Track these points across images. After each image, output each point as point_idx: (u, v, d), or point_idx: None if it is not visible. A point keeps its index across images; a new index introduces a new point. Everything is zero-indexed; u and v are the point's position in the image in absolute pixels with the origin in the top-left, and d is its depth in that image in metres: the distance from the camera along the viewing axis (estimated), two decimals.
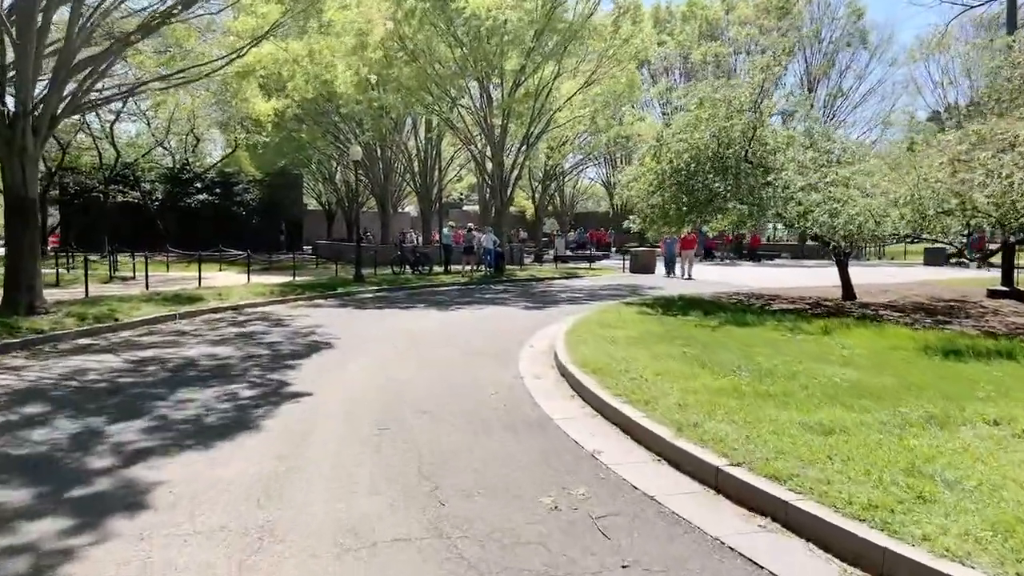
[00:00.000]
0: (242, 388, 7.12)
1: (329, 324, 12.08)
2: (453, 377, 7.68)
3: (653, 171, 14.15)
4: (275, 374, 7.79)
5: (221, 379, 7.56)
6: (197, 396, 6.81)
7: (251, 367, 8.21)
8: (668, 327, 10.46)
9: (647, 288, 19.66)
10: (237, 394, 6.88)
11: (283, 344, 9.89)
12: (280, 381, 7.38)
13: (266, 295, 16.13)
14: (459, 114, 25.81)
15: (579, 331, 10.08)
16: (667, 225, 14.52)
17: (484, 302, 16.09)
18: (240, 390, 7.04)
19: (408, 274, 23.49)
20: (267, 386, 7.20)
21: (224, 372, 7.95)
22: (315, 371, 7.96)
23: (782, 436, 4.83)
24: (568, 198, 58.04)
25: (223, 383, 7.36)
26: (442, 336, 10.81)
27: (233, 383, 7.37)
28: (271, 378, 7.55)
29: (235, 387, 7.18)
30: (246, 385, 7.27)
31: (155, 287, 17.91)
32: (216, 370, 8.06)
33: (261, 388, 7.11)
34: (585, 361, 7.70)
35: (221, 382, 7.42)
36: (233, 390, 7.05)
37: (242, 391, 6.99)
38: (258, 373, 7.86)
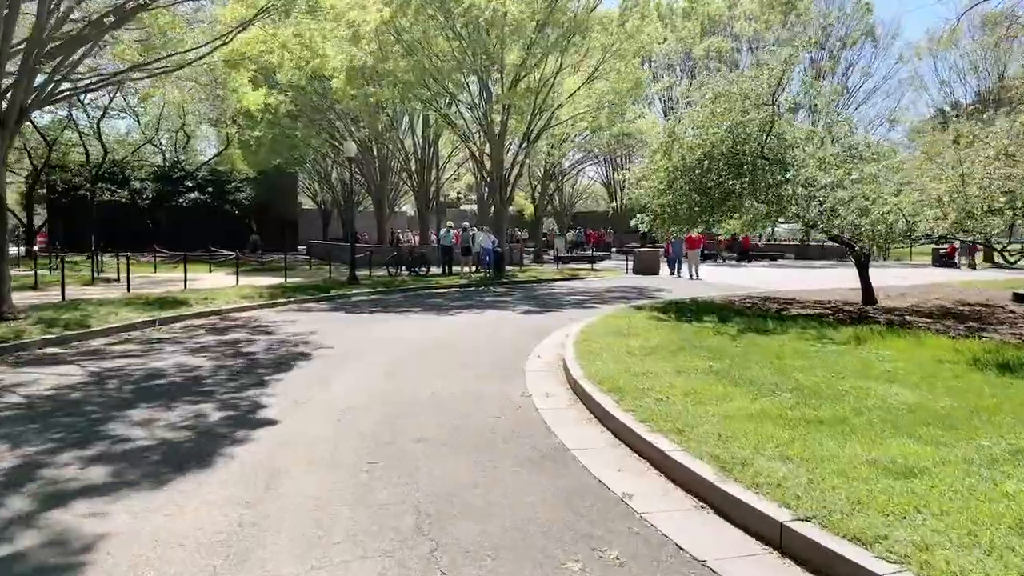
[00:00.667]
0: (212, 409, 6.28)
1: (318, 331, 11.24)
2: (453, 395, 6.85)
3: (664, 168, 13.33)
4: (252, 391, 6.94)
5: (189, 397, 6.72)
6: (159, 417, 5.98)
7: (225, 382, 7.37)
8: (685, 335, 9.65)
9: (654, 290, 18.85)
10: (205, 416, 6.03)
11: (265, 355, 9.05)
12: (255, 402, 6.53)
13: (254, 298, 15.29)
14: (457, 110, 24.97)
15: (589, 340, 9.26)
16: (677, 225, 13.70)
17: (484, 306, 15.26)
18: (209, 411, 6.20)
19: (404, 275, 22.66)
20: (241, 407, 6.36)
21: (194, 388, 7.10)
22: (297, 388, 7.12)
23: (852, 479, 4.01)
24: (567, 198, 57.28)
25: (191, 402, 6.52)
26: (440, 345, 9.99)
27: (202, 402, 6.52)
28: (246, 397, 6.71)
29: (204, 407, 6.34)
30: (216, 405, 6.42)
31: (140, 289, 17.06)
32: (186, 386, 7.22)
33: (233, 410, 6.27)
34: (601, 377, 6.88)
35: (189, 401, 6.57)
36: (201, 411, 6.21)
37: (211, 413, 6.15)
38: (232, 390, 7.02)
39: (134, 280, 20.49)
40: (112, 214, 32.74)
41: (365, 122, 27.54)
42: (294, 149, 33.01)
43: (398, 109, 32.67)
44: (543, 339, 10.44)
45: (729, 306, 13.75)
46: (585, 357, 8.01)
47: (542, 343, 10.10)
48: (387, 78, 20.76)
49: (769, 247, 46.50)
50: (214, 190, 35.95)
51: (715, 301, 14.63)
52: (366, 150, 32.99)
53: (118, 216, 32.72)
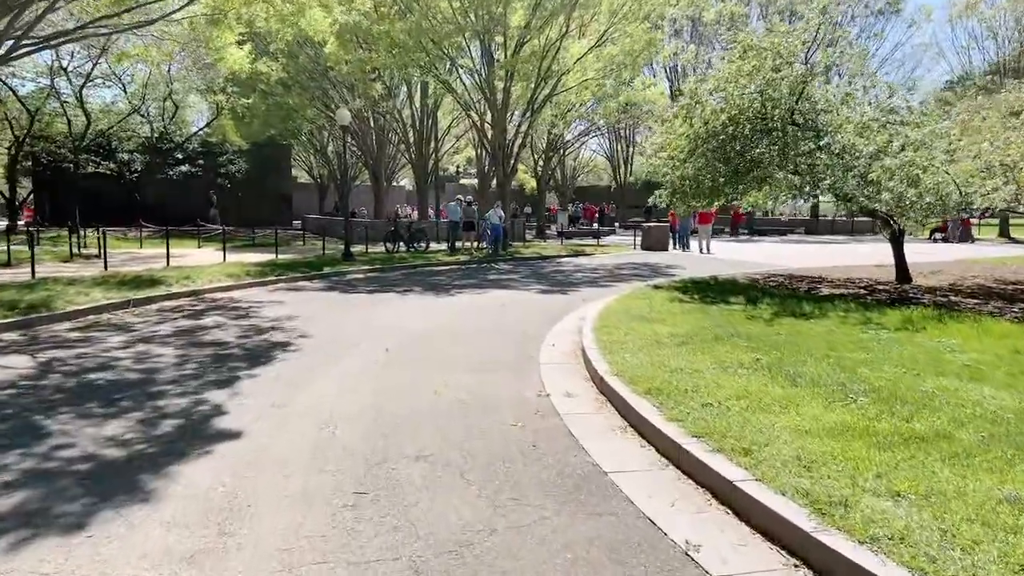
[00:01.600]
0: (167, 414, 5.22)
1: (306, 315, 10.19)
2: (459, 396, 5.81)
3: (684, 135, 12.18)
4: (219, 392, 5.90)
5: (142, 398, 5.66)
6: (97, 425, 4.94)
7: (189, 379, 6.31)
8: (716, 320, 8.60)
9: (666, 267, 17.79)
10: (155, 425, 4.99)
11: (242, 344, 8.00)
12: (221, 407, 5.46)
13: (240, 277, 14.21)
14: (458, 76, 23.67)
15: (610, 326, 8.22)
16: (699, 200, 12.58)
17: (489, 285, 14.20)
18: (163, 418, 5.15)
19: (403, 251, 21.56)
20: (202, 413, 5.31)
21: (147, 387, 6.04)
22: (274, 388, 6.07)
23: (996, 529, 2.99)
24: (569, 171, 55.93)
25: (138, 405, 5.45)
26: (442, 331, 8.94)
27: (151, 406, 5.47)
28: (211, 400, 5.65)
29: (158, 411, 5.29)
30: (174, 409, 5.36)
31: (120, 267, 15.98)
32: (138, 383, 6.16)
33: (193, 417, 5.22)
34: (632, 373, 5.84)
35: (136, 403, 5.52)
36: (152, 417, 5.16)
37: (165, 420, 5.09)
38: (196, 389, 5.96)
39: (117, 257, 19.41)
40: (98, 187, 31.45)
41: (360, 90, 26.19)
42: (288, 120, 31.69)
43: (395, 77, 31.32)
44: (556, 323, 9.40)
45: (754, 285, 12.71)
46: (608, 347, 6.97)
47: (555, 328, 9.07)
48: (383, 41, 19.44)
49: (775, 221, 45.36)
50: (205, 162, 34.59)
51: (737, 280, 13.58)
52: (362, 121, 31.66)
53: (104, 189, 31.43)
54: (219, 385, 6.04)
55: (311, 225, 33.03)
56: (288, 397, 5.73)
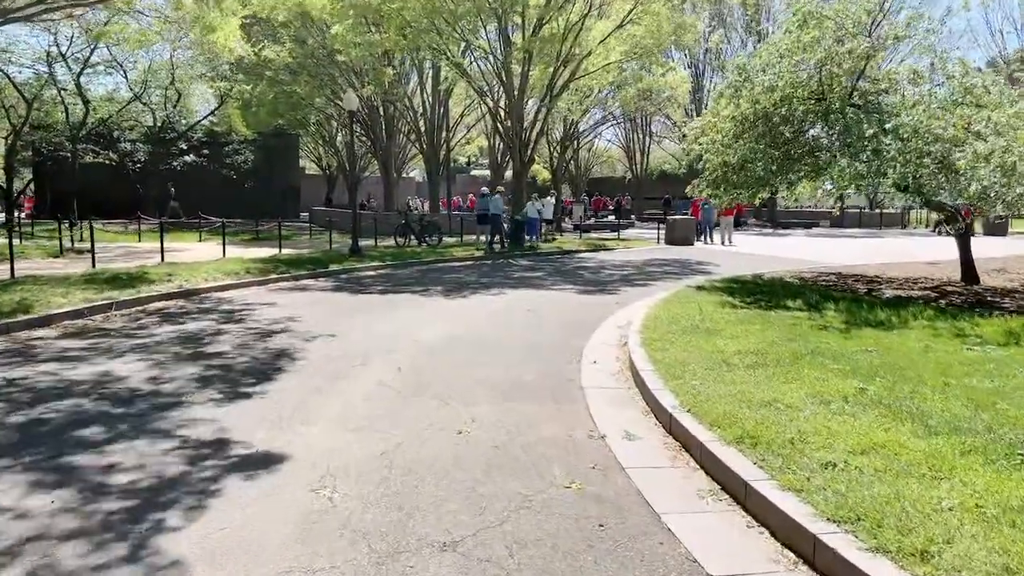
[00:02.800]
0: (104, 492, 3.99)
1: (308, 320, 9.01)
2: (491, 436, 4.61)
3: (731, 118, 10.88)
4: (190, 433, 4.72)
5: (87, 444, 4.48)
6: (12, 495, 3.76)
7: (152, 416, 5.12)
8: (782, 331, 7.35)
9: (698, 264, 16.50)
10: (94, 499, 3.80)
11: (230, 360, 6.81)
12: (185, 466, 4.26)
13: (239, 274, 13.06)
14: (473, 61, 22.39)
15: (660, 337, 6.99)
16: (745, 188, 11.27)
17: (510, 284, 12.98)
18: (98, 493, 3.95)
19: (415, 246, 20.35)
20: (163, 476, 4.12)
21: (101, 426, 4.85)
22: (257, 427, 4.87)
23: None
24: (583, 162, 54.55)
25: (78, 478, 4.27)
26: (463, 342, 7.73)
27: (102, 457, 4.30)
28: (169, 460, 4.45)
29: (95, 479, 4.09)
30: (124, 466, 4.17)
31: (112, 263, 14.89)
32: (95, 418, 4.98)
33: (149, 479, 4.03)
34: (708, 409, 4.62)
35: (82, 454, 4.34)
36: (90, 477, 3.97)
37: (100, 500, 3.88)
38: (156, 434, 4.77)
39: (112, 251, 18.36)
40: (100, 178, 30.46)
41: (370, 76, 24.96)
42: (296, 109, 30.51)
43: (406, 62, 30.06)
44: (593, 333, 8.18)
45: (806, 286, 11.42)
46: (667, 369, 5.74)
47: (593, 339, 7.85)
48: (393, 21, 18.16)
49: (798, 214, 43.82)
50: (211, 152, 33.50)
51: (784, 279, 12.29)
52: (371, 109, 30.46)
53: (107, 180, 30.43)
54: (191, 425, 4.85)
55: (318, 218, 31.94)
56: (276, 443, 4.53)
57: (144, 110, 31.06)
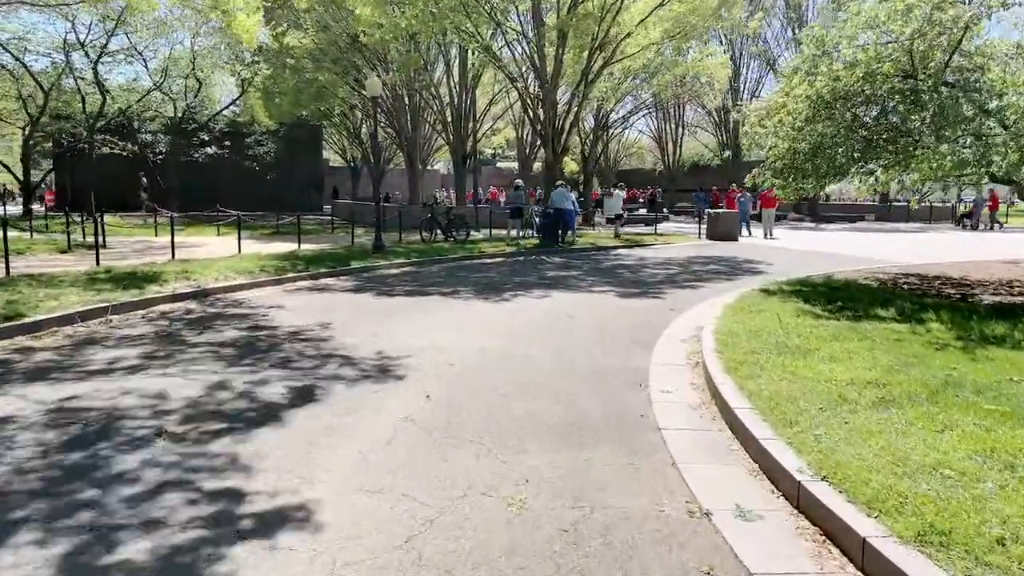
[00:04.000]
0: None
1: (324, 329, 7.89)
2: (552, 510, 3.42)
3: (804, 97, 9.50)
4: (154, 509, 3.59)
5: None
6: None
7: (122, 480, 4.01)
8: (889, 350, 6.04)
9: (747, 262, 15.13)
10: None
11: (218, 389, 5.69)
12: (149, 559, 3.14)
13: (254, 273, 12.01)
14: (505, 44, 21.15)
15: (745, 359, 5.72)
16: (818, 178, 9.89)
17: (546, 284, 11.77)
18: None
19: (441, 241, 19.21)
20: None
21: (41, 498, 3.77)
22: (245, 499, 3.74)
23: None
24: (613, 154, 53.02)
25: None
26: (501, 360, 6.54)
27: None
28: (131, 558, 3.33)
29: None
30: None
31: (122, 260, 13.98)
32: (33, 497, 3.89)
33: None
34: (851, 476, 3.37)
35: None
36: None
37: None
38: (115, 504, 3.66)
39: (126, 247, 17.50)
40: (119, 170, 29.80)
41: (396, 63, 23.85)
42: (319, 100, 29.52)
43: (432, 49, 28.92)
44: (653, 349, 6.94)
45: (887, 290, 10.05)
46: (768, 405, 4.50)
47: (656, 357, 6.61)
48: (419, 1, 16.97)
49: (840, 207, 41.88)
50: (232, 144, 32.69)
51: (859, 282, 10.91)
52: (396, 98, 29.37)
53: (125, 172, 29.76)
54: (172, 487, 3.71)
55: (341, 211, 30.98)
56: (276, 501, 3.38)
57: (165, 100, 30.32)
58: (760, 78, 44.02)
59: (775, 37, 41.74)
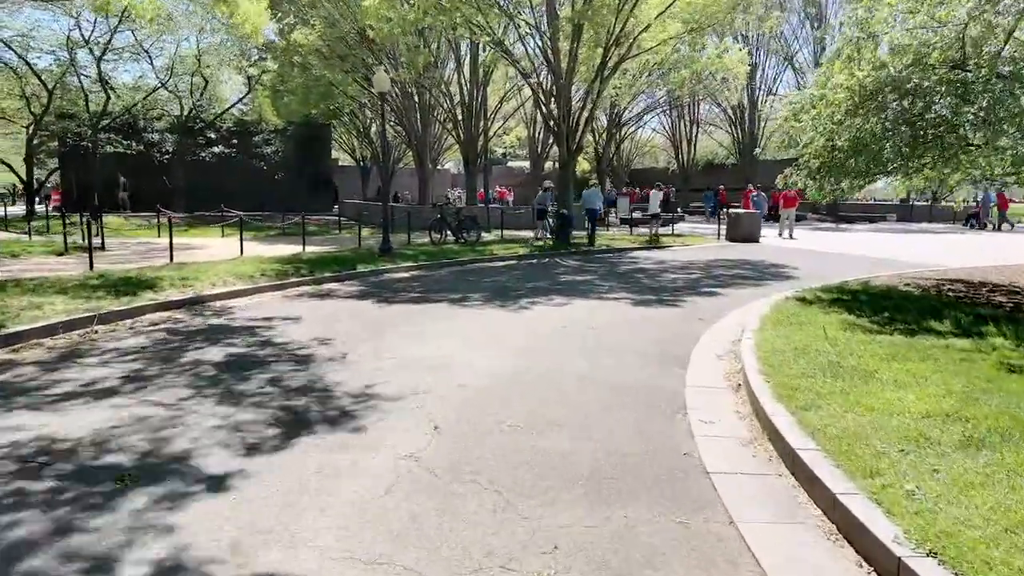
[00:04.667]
0: None
1: (322, 343, 7.24)
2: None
3: (845, 88, 8.76)
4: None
5: None
6: None
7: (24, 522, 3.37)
8: (957, 371, 5.32)
9: (772, 266, 14.38)
10: None
11: (192, 420, 5.05)
12: None
13: (253, 278, 11.39)
14: (518, 39, 20.48)
15: (796, 383, 5.02)
16: (860, 177, 9.15)
17: (562, 289, 11.07)
18: None
19: (451, 242, 18.56)
20: None
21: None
22: (204, 564, 3.08)
23: None
24: (625, 153, 52.20)
25: None
26: (517, 382, 5.85)
27: None
28: None
29: None
30: None
31: (119, 263, 13.41)
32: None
33: None
34: (967, 556, 2.67)
35: None
36: None
37: None
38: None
39: (127, 249, 16.97)
40: (129, 169, 29.37)
41: (405, 58, 23.22)
42: (328, 98, 28.99)
43: (442, 46, 28.28)
44: (688, 366, 6.24)
45: (931, 296, 9.29)
46: (838, 447, 3.80)
47: (691, 376, 5.91)
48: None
49: (861, 207, 40.86)
50: (240, 143, 32.21)
51: (899, 288, 10.15)
52: (406, 96, 28.73)
53: (131, 172, 29.30)
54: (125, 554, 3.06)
55: (350, 211, 30.40)
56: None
57: (171, 99, 29.86)
58: (777, 75, 43.16)
59: (793, 32, 40.78)
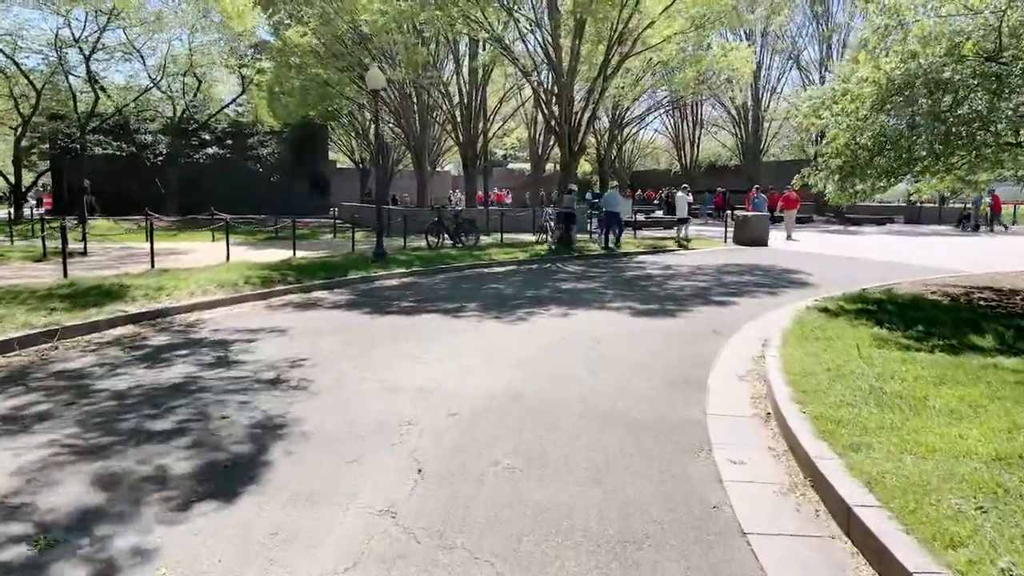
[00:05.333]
0: None
1: (299, 365, 6.56)
2: None
3: (871, 81, 8.08)
4: None
5: None
6: None
7: None
8: (1017, 397, 4.63)
9: (784, 271, 13.69)
10: None
11: (134, 458, 4.37)
12: None
13: (237, 286, 10.71)
14: (519, 37, 19.84)
15: (837, 413, 4.33)
16: (886, 177, 8.46)
17: (562, 299, 10.38)
18: None
19: (448, 247, 17.88)
20: None
21: None
22: None
23: None
24: (627, 154, 51.59)
25: None
26: (516, 411, 5.17)
27: None
28: None
29: None
30: None
31: (94, 270, 12.75)
32: None
33: None
34: None
35: None
36: None
37: None
38: None
39: (109, 255, 16.32)
40: (116, 172, 28.72)
41: (402, 57, 22.57)
42: (326, 99, 28.34)
43: (440, 46, 27.62)
44: (707, 391, 5.56)
45: (961, 305, 8.59)
46: (904, 504, 3.12)
47: (712, 403, 5.23)
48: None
49: (867, 208, 40.09)
50: (235, 144, 31.57)
51: (926, 296, 9.46)
52: (404, 97, 28.08)
53: (122, 174, 28.66)
54: None
55: (346, 213, 29.75)
56: None
57: (164, 99, 29.22)
58: (781, 75, 42.52)
59: (798, 29, 40.09)
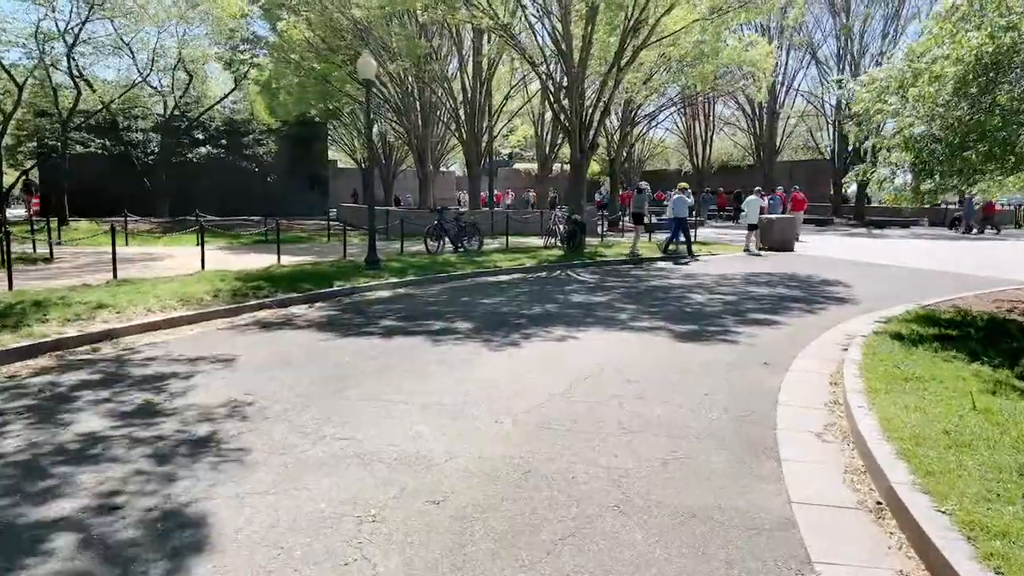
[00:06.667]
0: None
1: (232, 418, 5.15)
2: None
3: (951, 59, 6.62)
4: None
5: None
6: None
7: None
8: None
9: (822, 282, 12.24)
10: None
11: None
12: None
13: (203, 301, 9.29)
14: (528, 27, 18.42)
15: (1001, 520, 2.89)
16: (968, 174, 7.01)
17: (574, 316, 8.92)
18: None
19: (448, 252, 16.47)
20: None
21: None
22: None
23: None
24: (637, 154, 50.01)
25: None
26: (520, 501, 3.75)
27: None
28: None
29: None
30: None
31: (47, 279, 11.39)
32: None
33: None
34: None
35: None
36: None
37: None
38: None
39: (79, 260, 14.98)
40: (113, 172, 27.45)
41: (399, 46, 21.20)
42: (326, 96, 26.99)
43: (444, 39, 26.26)
44: (780, 459, 4.11)
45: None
46: None
47: (793, 488, 3.79)
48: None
49: (889, 211, 38.48)
50: (229, 143, 30.26)
51: (1004, 316, 7.99)
52: (405, 94, 26.72)
53: (110, 174, 27.39)
54: None
55: (344, 215, 28.39)
56: None
57: (154, 95, 27.91)
58: (797, 71, 41.12)
59: (816, 22, 38.63)
